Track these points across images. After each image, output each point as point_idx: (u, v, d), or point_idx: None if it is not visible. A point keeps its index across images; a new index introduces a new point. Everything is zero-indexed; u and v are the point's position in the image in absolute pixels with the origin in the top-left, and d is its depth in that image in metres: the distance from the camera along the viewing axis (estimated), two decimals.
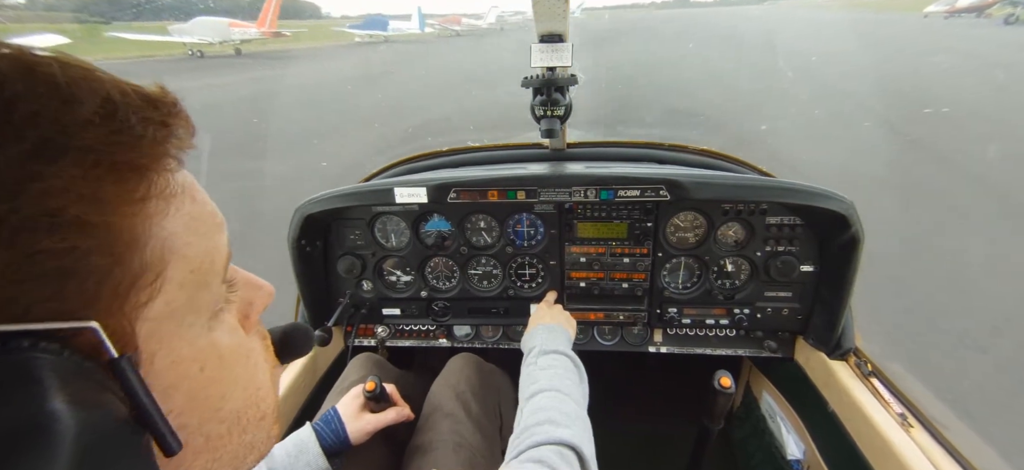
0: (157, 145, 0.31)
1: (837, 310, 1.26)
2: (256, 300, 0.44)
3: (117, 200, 0.28)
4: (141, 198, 0.29)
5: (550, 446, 0.79)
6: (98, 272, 0.27)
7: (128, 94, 0.30)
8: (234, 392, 0.38)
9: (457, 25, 54.78)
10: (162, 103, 0.32)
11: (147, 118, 0.30)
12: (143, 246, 0.29)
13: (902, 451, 1.00)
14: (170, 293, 0.31)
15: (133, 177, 0.29)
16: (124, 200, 0.28)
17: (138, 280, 0.29)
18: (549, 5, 0.96)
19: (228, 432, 0.37)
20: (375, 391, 1.15)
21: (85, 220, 0.26)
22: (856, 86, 10.74)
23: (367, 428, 1.12)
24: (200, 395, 0.34)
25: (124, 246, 0.28)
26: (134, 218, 0.29)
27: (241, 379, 0.38)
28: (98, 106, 0.27)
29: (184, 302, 0.33)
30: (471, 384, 1.35)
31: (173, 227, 0.32)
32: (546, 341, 1.14)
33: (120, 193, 0.28)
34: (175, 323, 0.32)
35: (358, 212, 1.44)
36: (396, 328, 1.64)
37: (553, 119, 1.24)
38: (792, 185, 1.22)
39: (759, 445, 1.61)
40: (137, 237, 0.29)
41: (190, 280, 0.33)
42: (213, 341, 0.36)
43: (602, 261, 1.45)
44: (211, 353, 0.35)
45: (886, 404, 1.11)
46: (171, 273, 0.31)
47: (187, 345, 0.33)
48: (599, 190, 1.27)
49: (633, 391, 2.15)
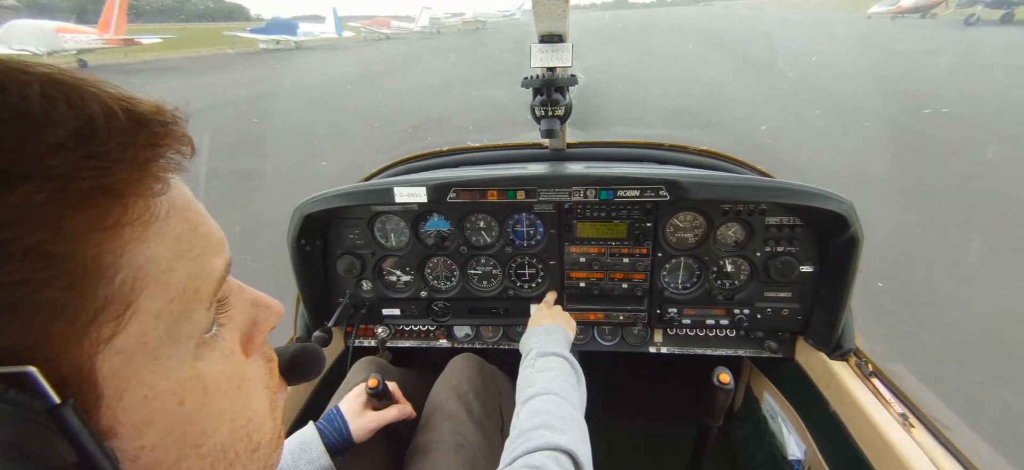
0: (138, 168, 0.29)
1: (837, 310, 1.26)
2: (262, 320, 0.42)
3: (83, 228, 0.26)
4: (112, 225, 0.27)
5: (545, 451, 0.79)
6: (51, 306, 0.25)
7: (114, 114, 0.28)
8: (220, 425, 0.35)
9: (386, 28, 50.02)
10: (154, 122, 0.30)
11: (128, 142, 0.28)
12: (111, 277, 0.27)
13: (903, 451, 0.99)
14: (144, 324, 0.29)
15: (105, 202, 0.27)
16: (92, 228, 0.26)
17: (101, 313, 0.27)
18: (549, 5, 0.96)
19: (211, 467, 0.34)
20: (377, 388, 1.15)
21: (42, 250, 0.24)
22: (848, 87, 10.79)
23: (370, 425, 1.13)
24: (177, 431, 0.32)
25: (86, 277, 0.26)
26: (101, 247, 0.27)
27: (228, 411, 0.35)
28: (73, 130, 0.26)
29: (161, 333, 0.30)
30: (473, 384, 1.35)
31: (152, 253, 0.29)
32: (544, 343, 1.13)
33: (88, 220, 0.26)
34: (148, 356, 0.30)
35: (358, 212, 1.44)
36: (396, 328, 1.64)
37: (553, 119, 1.24)
38: (791, 185, 1.22)
39: (760, 445, 1.60)
40: (104, 267, 0.27)
41: (169, 310, 0.30)
42: (198, 372, 0.33)
43: (602, 261, 1.44)
44: (194, 385, 0.33)
45: (887, 404, 1.11)
46: (145, 303, 0.29)
47: (163, 379, 0.31)
48: (599, 190, 1.27)
49: (633, 391, 2.14)
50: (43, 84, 0.26)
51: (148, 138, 0.30)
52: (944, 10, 30.14)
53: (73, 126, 0.26)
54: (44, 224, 0.24)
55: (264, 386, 0.41)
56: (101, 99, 0.28)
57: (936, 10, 30.47)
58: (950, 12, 29.65)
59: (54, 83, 0.26)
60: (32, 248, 0.24)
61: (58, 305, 0.25)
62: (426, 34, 51.89)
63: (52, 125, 0.25)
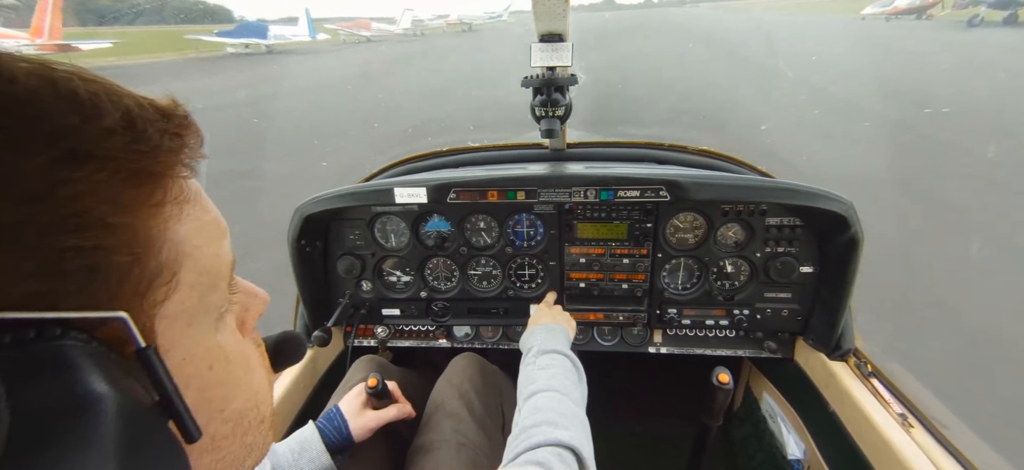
0: (171, 154, 0.33)
1: (837, 311, 1.26)
2: (252, 307, 0.45)
3: (136, 204, 0.30)
4: (157, 202, 0.31)
5: (548, 447, 0.79)
6: (120, 269, 0.28)
7: (145, 107, 0.31)
8: (238, 393, 0.39)
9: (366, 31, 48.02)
10: (174, 115, 0.33)
11: (162, 129, 0.32)
12: (160, 247, 0.31)
13: (902, 451, 0.99)
14: (183, 293, 0.33)
15: (150, 183, 0.31)
16: (143, 204, 0.30)
17: (155, 279, 0.31)
18: (549, 5, 0.96)
19: (231, 432, 0.38)
20: (377, 387, 1.15)
21: (108, 221, 0.28)
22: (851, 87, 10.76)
23: (370, 424, 1.13)
24: (207, 393, 0.35)
25: (142, 246, 0.30)
26: (151, 221, 0.31)
27: (243, 381, 0.40)
28: (119, 118, 0.29)
29: (195, 303, 0.34)
30: (474, 384, 1.36)
31: (185, 231, 0.33)
32: (545, 341, 1.13)
33: (139, 197, 0.30)
34: (186, 322, 0.34)
35: (358, 212, 1.44)
36: (396, 328, 1.64)
37: (553, 119, 1.24)
38: (791, 186, 1.22)
39: (760, 445, 1.61)
40: (154, 239, 0.31)
41: (200, 282, 0.34)
42: (219, 342, 0.37)
43: (602, 262, 1.44)
44: (218, 353, 0.37)
45: (886, 404, 1.11)
46: (184, 275, 0.33)
47: (197, 344, 0.35)
48: (599, 190, 1.27)
49: (633, 391, 2.14)
50: (81, 79, 0.29)
51: (175, 127, 0.33)
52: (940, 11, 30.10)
53: (118, 115, 0.29)
54: (107, 198, 0.28)
55: (261, 365, 0.44)
56: (129, 94, 0.31)
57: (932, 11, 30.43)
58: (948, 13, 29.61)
59: (86, 79, 0.29)
60: (101, 219, 0.27)
61: (124, 270, 0.29)
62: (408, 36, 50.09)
63: (101, 113, 0.28)
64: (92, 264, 0.27)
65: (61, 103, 0.27)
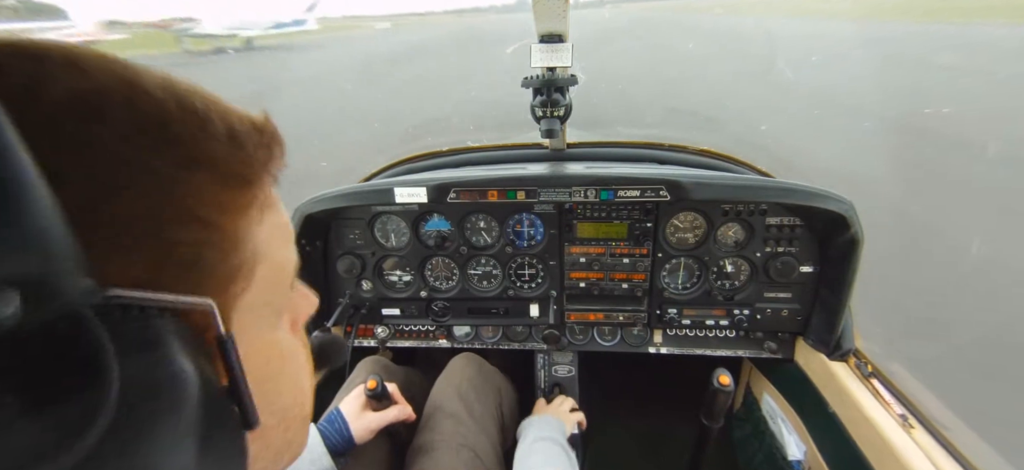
0: (261, 164, 0.36)
1: (837, 311, 1.26)
2: (304, 308, 0.48)
3: (231, 206, 0.33)
4: (246, 206, 0.34)
5: None
6: (211, 263, 0.31)
7: (244, 120, 0.35)
8: (286, 389, 0.41)
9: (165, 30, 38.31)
10: (266, 130, 0.37)
11: (256, 141, 0.35)
12: (244, 246, 0.34)
13: (903, 452, 0.99)
14: (256, 290, 0.36)
15: (243, 188, 0.34)
16: (236, 206, 0.33)
17: (237, 274, 0.34)
18: (549, 5, 0.96)
19: (276, 425, 0.40)
20: (376, 390, 1.15)
21: (209, 220, 0.31)
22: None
23: (370, 426, 1.13)
24: (262, 386, 0.37)
25: (231, 244, 0.33)
26: (240, 221, 0.34)
27: (292, 378, 0.42)
28: (225, 130, 0.32)
29: (263, 299, 0.37)
30: (474, 384, 1.36)
31: (265, 233, 0.36)
32: (541, 429, 1.26)
33: (234, 200, 0.33)
34: (254, 317, 0.36)
35: (358, 212, 1.44)
36: (396, 328, 1.64)
37: (553, 119, 1.24)
38: (791, 186, 1.22)
39: (760, 446, 1.61)
40: (240, 238, 0.34)
41: (271, 280, 0.37)
42: (276, 339, 0.40)
43: (602, 261, 1.44)
44: (275, 349, 0.40)
45: (886, 405, 1.11)
46: (259, 273, 0.36)
47: (259, 338, 0.37)
48: (599, 190, 1.27)
49: (633, 391, 2.14)
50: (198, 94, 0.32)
51: (266, 140, 0.36)
52: None
53: (223, 127, 0.32)
54: (210, 200, 0.31)
55: (307, 364, 0.46)
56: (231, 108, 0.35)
57: None
58: None
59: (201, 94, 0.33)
60: (204, 217, 0.30)
61: (214, 263, 0.32)
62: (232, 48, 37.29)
63: (212, 125, 0.32)
64: (192, 257, 0.30)
65: (183, 114, 0.30)
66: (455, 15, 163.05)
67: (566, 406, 1.49)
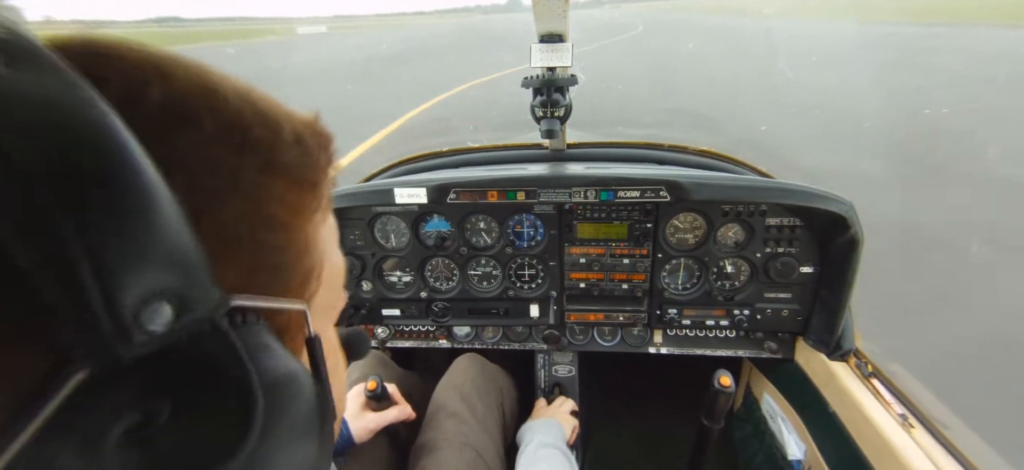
0: (323, 167, 0.36)
1: (837, 311, 1.26)
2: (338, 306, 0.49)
3: (301, 210, 0.33)
4: (314, 208, 0.35)
5: None
6: (292, 266, 0.33)
7: (306, 124, 0.35)
8: (337, 383, 0.42)
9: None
10: (324, 132, 0.37)
11: (318, 144, 0.35)
12: (312, 249, 0.35)
13: (903, 452, 0.99)
14: (322, 290, 0.37)
15: (312, 191, 0.34)
16: (305, 210, 0.34)
17: (310, 275, 0.35)
18: (549, 5, 0.96)
19: None
20: (376, 390, 1.15)
21: (288, 223, 0.32)
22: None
23: (370, 426, 1.13)
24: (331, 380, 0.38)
25: (305, 246, 0.34)
26: (309, 224, 0.34)
27: (338, 373, 0.44)
28: (293, 135, 0.33)
29: (326, 299, 0.38)
30: (476, 384, 1.37)
31: (326, 236, 0.37)
32: (545, 435, 1.27)
33: (305, 203, 0.34)
34: (320, 316, 0.38)
35: (357, 212, 1.44)
36: (396, 329, 1.64)
37: (553, 120, 1.24)
38: (791, 186, 1.22)
39: (760, 446, 1.61)
40: (310, 240, 0.34)
41: (333, 280, 0.39)
42: (330, 336, 0.42)
43: (602, 262, 1.44)
44: (330, 346, 0.41)
45: (887, 405, 1.11)
46: (324, 274, 0.37)
47: (325, 336, 0.39)
48: (599, 191, 1.27)
49: (633, 391, 2.14)
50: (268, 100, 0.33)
51: (325, 142, 0.37)
52: None
53: (292, 132, 0.33)
54: (287, 203, 0.32)
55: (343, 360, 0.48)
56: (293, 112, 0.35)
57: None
58: None
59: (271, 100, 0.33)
60: (284, 221, 0.31)
61: (293, 266, 0.33)
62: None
63: (284, 130, 0.32)
64: (278, 261, 0.31)
65: (259, 119, 0.31)
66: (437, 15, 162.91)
67: (566, 407, 1.49)
